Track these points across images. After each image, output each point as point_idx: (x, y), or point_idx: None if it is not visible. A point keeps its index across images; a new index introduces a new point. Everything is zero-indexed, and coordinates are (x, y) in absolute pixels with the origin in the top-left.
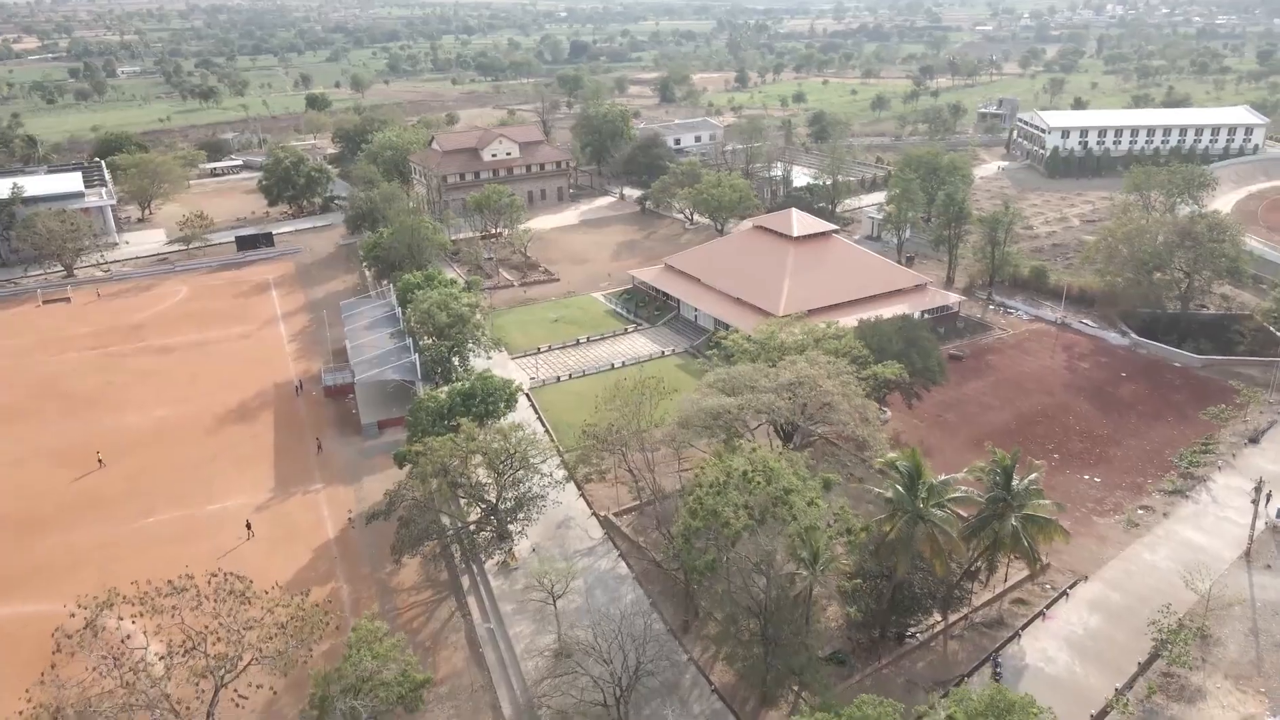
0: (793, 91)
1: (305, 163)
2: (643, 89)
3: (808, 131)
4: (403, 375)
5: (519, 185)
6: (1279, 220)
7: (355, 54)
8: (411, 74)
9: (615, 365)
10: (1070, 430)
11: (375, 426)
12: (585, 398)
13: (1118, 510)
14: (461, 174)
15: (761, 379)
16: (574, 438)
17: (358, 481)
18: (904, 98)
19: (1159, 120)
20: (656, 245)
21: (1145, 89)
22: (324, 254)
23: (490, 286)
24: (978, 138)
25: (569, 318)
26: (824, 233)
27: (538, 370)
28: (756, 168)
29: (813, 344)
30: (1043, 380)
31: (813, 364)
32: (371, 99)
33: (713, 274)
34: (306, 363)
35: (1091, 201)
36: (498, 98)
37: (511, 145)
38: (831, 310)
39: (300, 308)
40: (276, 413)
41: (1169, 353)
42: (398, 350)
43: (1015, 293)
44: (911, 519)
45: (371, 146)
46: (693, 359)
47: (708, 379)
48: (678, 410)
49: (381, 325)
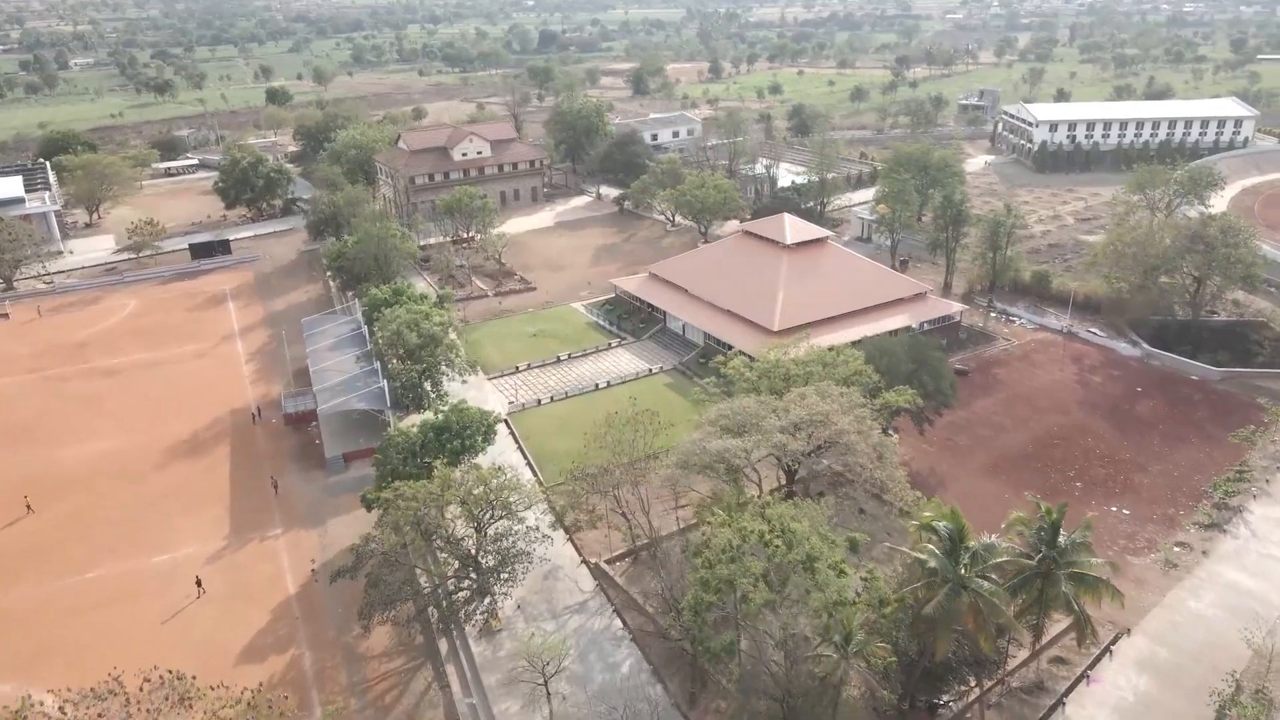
0: (768, 82)
1: (264, 163)
2: (615, 80)
3: (788, 125)
4: (371, 404)
5: (491, 186)
6: (1277, 216)
7: (318, 44)
8: (376, 65)
9: (600, 385)
10: (1090, 454)
11: (341, 460)
12: (569, 423)
13: (1152, 548)
14: (430, 175)
15: (769, 416)
16: (558, 469)
17: (322, 525)
18: (883, 89)
19: (1147, 113)
20: (637, 249)
21: (1123, 78)
22: (285, 261)
23: (463, 297)
24: (961, 130)
25: (548, 331)
26: (818, 239)
27: (516, 393)
28: (740, 166)
29: (820, 370)
30: (1055, 397)
31: (824, 396)
32: (335, 92)
33: (701, 284)
34: (266, 386)
35: (1084, 198)
36: (466, 90)
37: (483, 144)
38: (829, 324)
39: (259, 322)
40: (233, 444)
41: (1184, 365)
42: (365, 375)
43: (1017, 299)
44: (954, 589)
45: (335, 145)
46: (683, 377)
47: (708, 415)
48: (677, 451)
49: (347, 345)
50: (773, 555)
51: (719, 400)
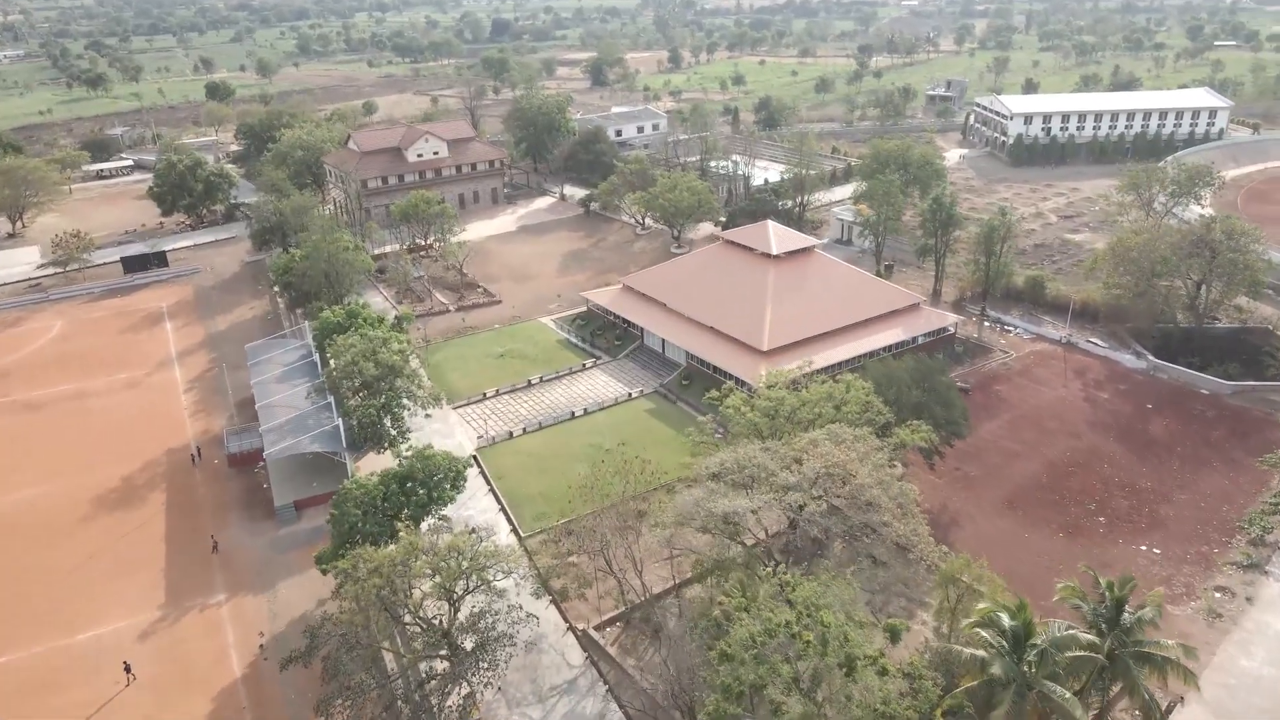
0: (730, 72)
1: (203, 166)
2: (572, 71)
3: (755, 118)
4: (324, 446)
5: (448, 188)
6: (1259, 211)
7: (261, 34)
8: (323, 55)
9: (576, 413)
10: (1110, 483)
11: (291, 509)
12: (545, 460)
13: (1190, 594)
14: (384, 177)
15: (779, 469)
16: (534, 514)
17: (271, 589)
18: (848, 79)
19: (1122, 104)
20: (607, 255)
21: (1085, 67)
22: (227, 274)
23: (423, 313)
24: (932, 123)
25: (516, 351)
26: (805, 249)
27: (485, 424)
28: (712, 164)
29: (831, 408)
30: (1063, 417)
31: (837, 442)
32: (280, 84)
33: (680, 298)
34: (207, 419)
35: (1063, 193)
36: (418, 82)
37: (439, 143)
38: (820, 341)
39: (199, 344)
40: (169, 491)
41: (1193, 378)
42: (317, 411)
43: (1010, 306)
44: (1020, 691)
45: (280, 146)
46: (665, 401)
47: (708, 464)
48: (675, 510)
49: (297, 375)
50: (804, 652)
51: (713, 440)
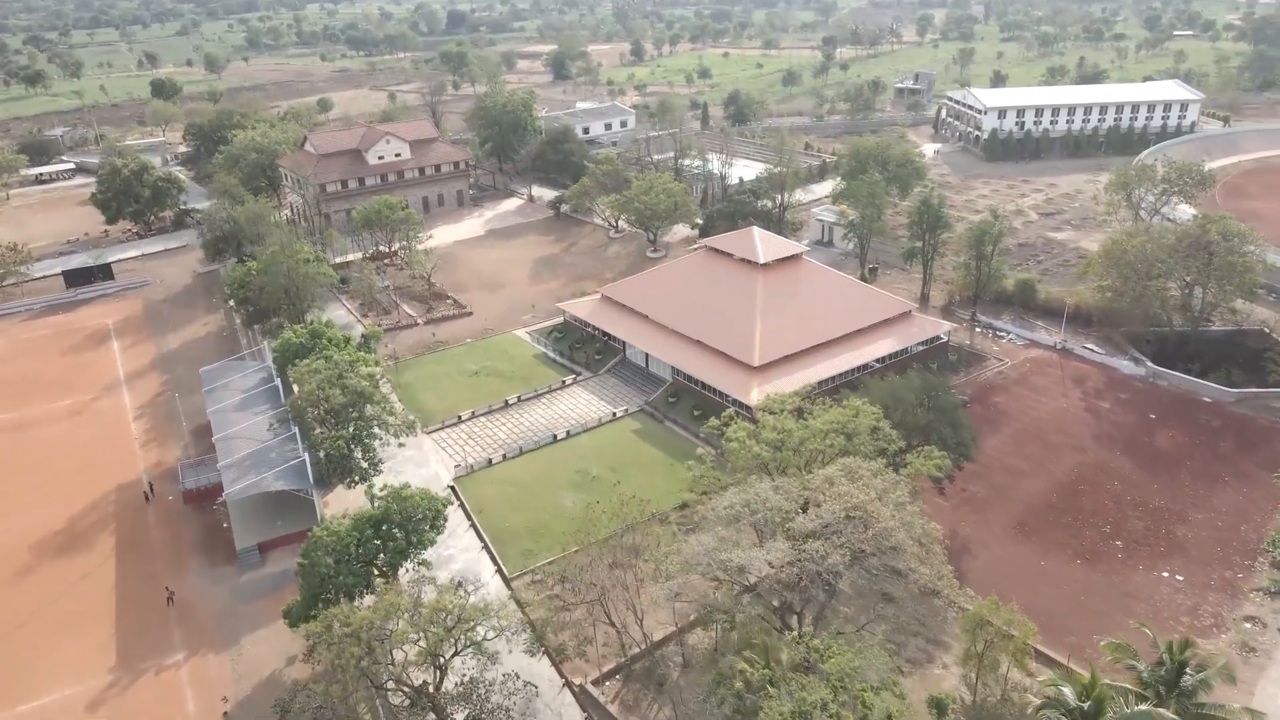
0: (694, 65)
1: (151, 170)
2: (532, 64)
3: (724, 113)
4: (290, 483)
5: (411, 191)
6: (1237, 205)
7: (209, 27)
8: (274, 49)
9: (559, 436)
10: (1122, 502)
11: (255, 552)
12: (528, 489)
13: (1220, 626)
14: (343, 181)
15: (796, 512)
16: (520, 551)
17: (235, 645)
18: (814, 71)
19: (1095, 98)
20: (580, 260)
21: (1048, 57)
22: (179, 286)
23: (390, 326)
24: (903, 117)
25: (492, 368)
26: (793, 256)
27: (462, 451)
28: (687, 163)
29: (842, 439)
30: (1066, 429)
31: (853, 479)
32: (230, 80)
33: (663, 309)
34: (160, 450)
35: (1041, 189)
36: (374, 76)
37: (401, 144)
38: (813, 354)
39: (150, 365)
40: (120, 534)
41: (1195, 385)
42: (281, 444)
43: (1000, 310)
44: None
45: (232, 148)
46: (652, 420)
47: (718, 509)
48: (684, 558)
49: (257, 401)
50: None
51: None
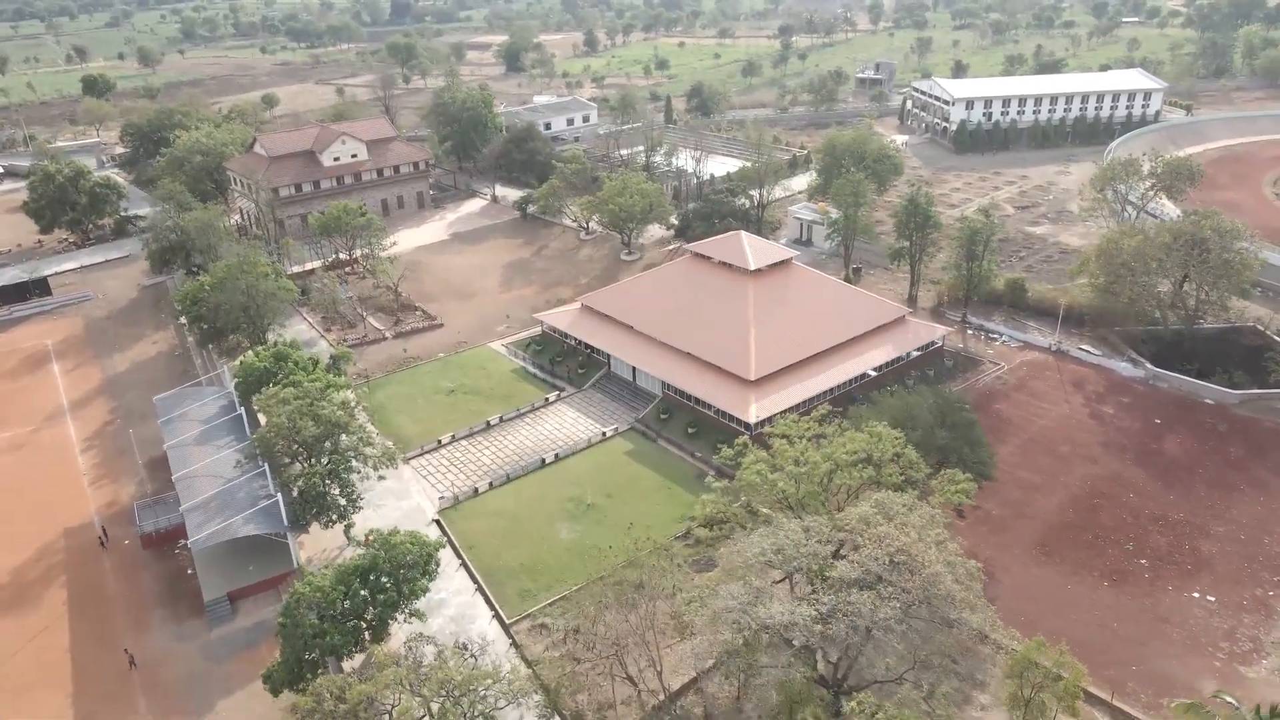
0: (650, 56)
1: (87, 174)
2: (483, 55)
3: (687, 106)
4: (263, 526)
5: (369, 193)
6: (1208, 197)
7: (141, 17)
8: (210, 41)
9: (547, 460)
10: (1140, 515)
11: (225, 602)
12: (520, 521)
13: (1259, 650)
14: (297, 185)
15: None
16: (518, 593)
17: (210, 712)
18: (773, 61)
19: (1061, 88)
20: (552, 265)
21: (1002, 45)
22: (123, 301)
23: (356, 342)
24: (868, 108)
25: (469, 385)
26: (783, 261)
27: (445, 479)
28: (658, 161)
29: (870, 470)
30: (1073, 437)
31: (888, 516)
32: (166, 74)
33: (649, 320)
34: (113, 487)
35: (1013, 181)
36: (319, 70)
37: (357, 145)
38: (810, 365)
39: (96, 391)
40: (72, 586)
41: (1196, 387)
42: (249, 482)
43: (990, 311)
44: None
45: (175, 150)
46: (644, 439)
47: (745, 554)
48: (715, 613)
49: (220, 433)
50: None
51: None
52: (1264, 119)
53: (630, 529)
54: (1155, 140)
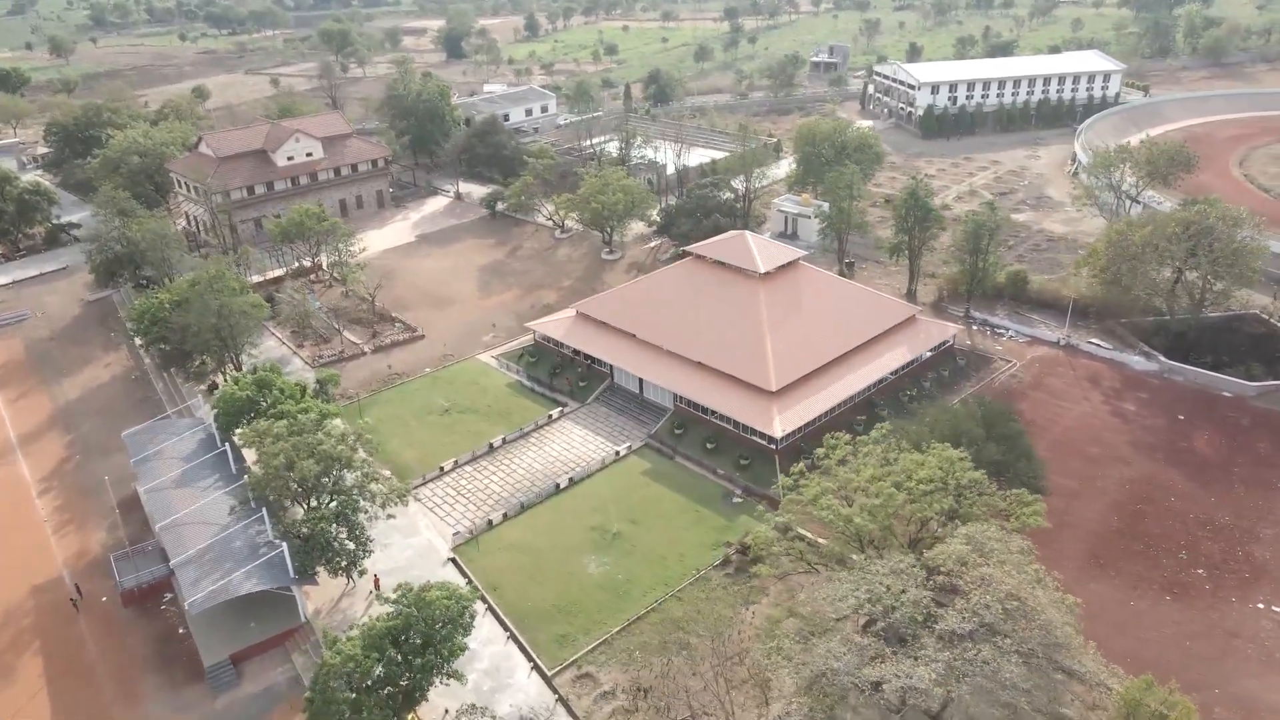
0: (595, 40)
1: (13, 180)
2: (419, 41)
3: (644, 93)
4: (268, 581)
5: (326, 194)
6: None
7: (46, 4)
8: (123, 28)
9: (561, 485)
10: (1186, 520)
11: (229, 667)
12: (542, 556)
13: None
14: (250, 187)
15: (933, 604)
16: (553, 638)
17: None
18: (723, 45)
19: (1024, 70)
20: (531, 267)
21: (944, 26)
22: (66, 318)
23: (331, 358)
24: (827, 92)
25: (463, 403)
26: (791, 262)
27: (455, 512)
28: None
29: (950, 501)
30: (1100, 438)
31: (985, 554)
32: (81, 65)
33: (653, 327)
34: (80, 535)
35: (986, 166)
36: (246, 59)
37: (312, 143)
38: (830, 371)
39: (47, 422)
40: (47, 654)
41: (1212, 379)
42: (245, 530)
43: (992, 305)
44: None
45: (109, 151)
46: (661, 456)
47: (835, 602)
48: (810, 673)
49: (202, 474)
50: None
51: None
52: (1216, 99)
53: (663, 560)
54: (1119, 123)
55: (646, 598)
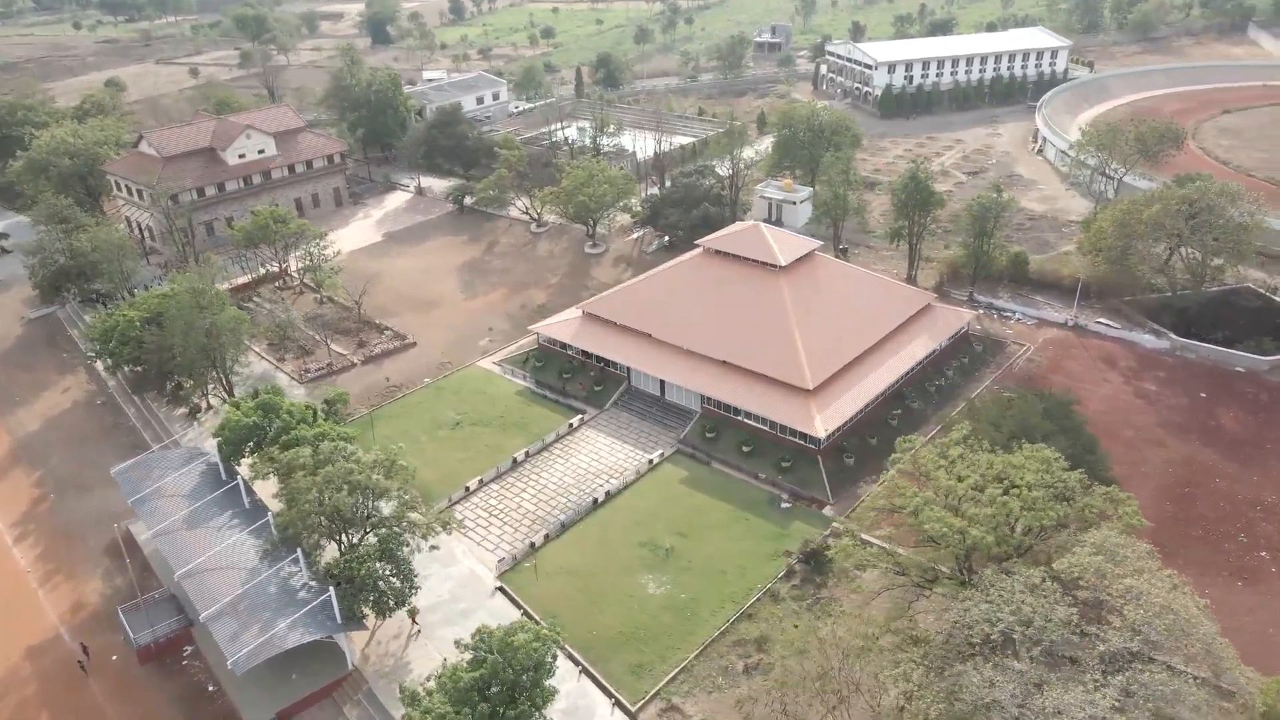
0: (524, 21)
1: None
2: (337, 25)
3: (592, 78)
4: (317, 630)
5: (281, 193)
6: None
7: None
8: (7, 17)
9: (599, 500)
10: (1235, 502)
11: None
12: (595, 579)
13: None
14: (199, 189)
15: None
16: (628, 668)
17: None
18: (662, 26)
19: (975, 48)
20: (512, 264)
21: (874, 3)
22: (9, 339)
23: (320, 373)
24: (782, 74)
25: (474, 414)
26: (809, 253)
27: (493, 535)
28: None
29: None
30: (1130, 420)
31: (1116, 561)
32: None
33: (671, 326)
34: (71, 586)
35: (951, 145)
36: (154, 48)
37: (265, 139)
38: (861, 365)
39: (8, 458)
40: None
41: (1224, 355)
42: (278, 574)
43: (994, 288)
44: None
45: (34, 153)
46: (695, 463)
47: (970, 621)
48: (969, 705)
49: (214, 511)
50: None
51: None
52: (1156, 73)
53: (724, 575)
54: (1070, 100)
55: (715, 618)
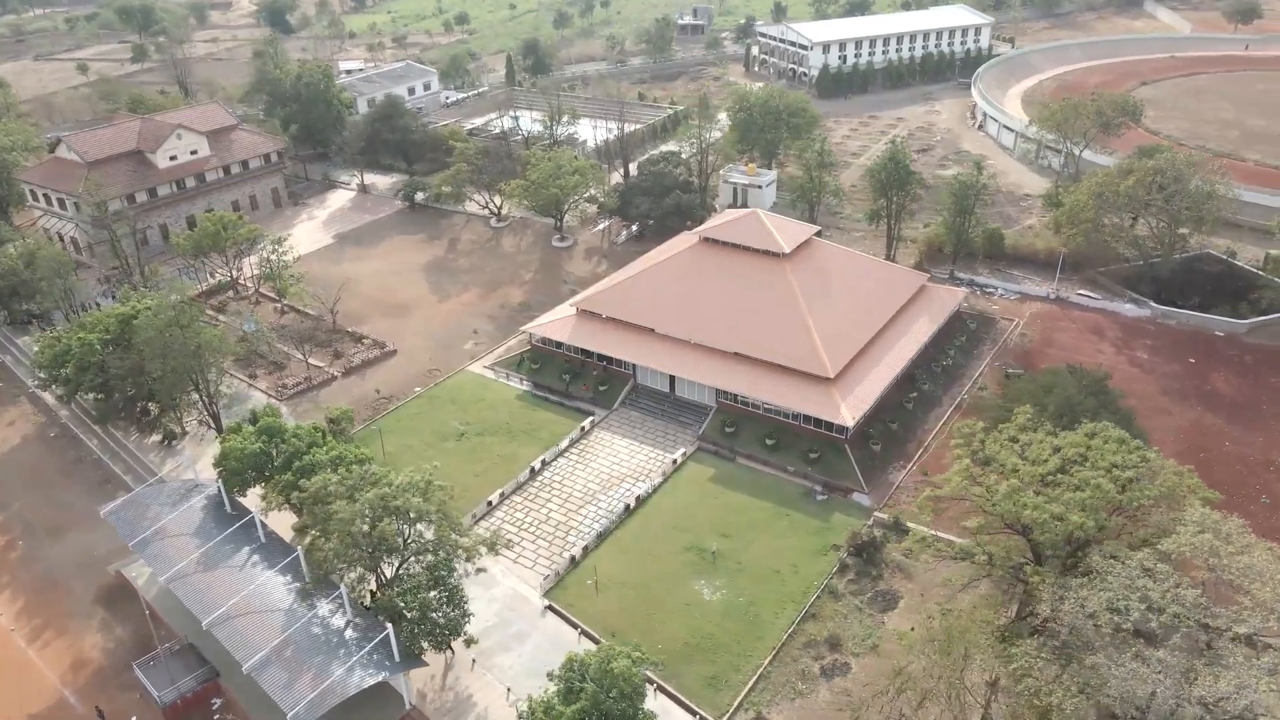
0: (432, 7)
1: None
2: (228, 15)
3: (521, 64)
4: (377, 672)
5: (217, 196)
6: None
7: None
8: None
9: (630, 505)
10: (1250, 464)
11: None
12: (647, 590)
13: None
14: (130, 195)
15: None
16: (705, 680)
17: None
18: (579, 10)
19: (904, 27)
20: (480, 262)
21: None
22: None
23: (299, 389)
24: (707, 55)
25: (478, 422)
26: (809, 239)
27: (530, 551)
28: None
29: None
30: (1131, 389)
31: (1224, 538)
32: None
33: (675, 319)
34: (66, 642)
35: (894, 124)
36: (28, 43)
37: (197, 139)
38: (874, 350)
39: None
40: None
41: (1203, 320)
42: (318, 614)
43: (971, 265)
44: None
45: None
46: (719, 459)
47: (1092, 609)
48: (1119, 695)
49: (230, 550)
50: None
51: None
52: (1074, 47)
53: (778, 575)
54: (999, 76)
55: (779, 620)
